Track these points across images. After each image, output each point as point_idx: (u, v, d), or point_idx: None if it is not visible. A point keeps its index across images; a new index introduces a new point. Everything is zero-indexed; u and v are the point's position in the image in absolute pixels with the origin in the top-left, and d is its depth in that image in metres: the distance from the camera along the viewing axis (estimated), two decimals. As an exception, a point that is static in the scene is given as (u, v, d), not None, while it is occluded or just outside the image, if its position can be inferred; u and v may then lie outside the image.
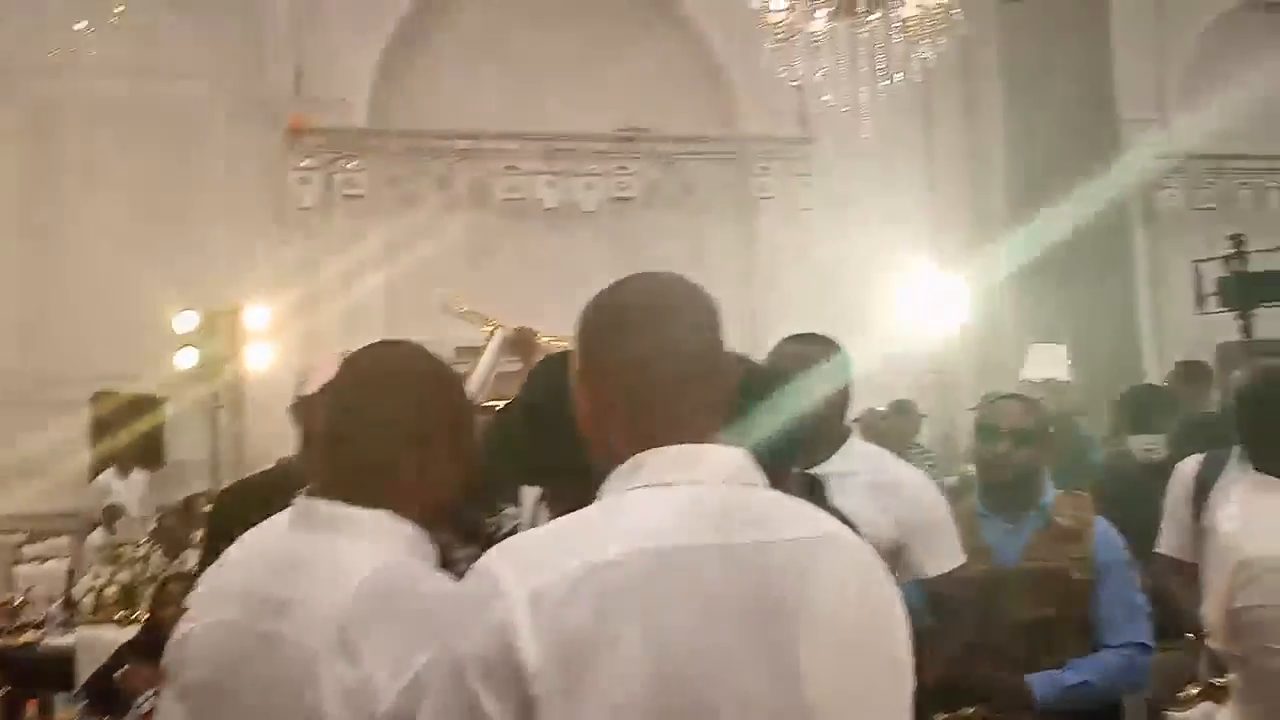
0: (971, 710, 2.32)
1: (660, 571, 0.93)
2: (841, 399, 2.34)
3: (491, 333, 3.53)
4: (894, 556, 2.16)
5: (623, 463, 1.05)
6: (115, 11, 5.88)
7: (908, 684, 1.06)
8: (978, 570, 2.49)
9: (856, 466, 2.26)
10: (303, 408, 2.41)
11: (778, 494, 1.10)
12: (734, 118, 10.69)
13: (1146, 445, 4.29)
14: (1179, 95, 11.20)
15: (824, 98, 7.51)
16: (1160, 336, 9.85)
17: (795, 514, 1.07)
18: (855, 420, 2.59)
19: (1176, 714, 2.26)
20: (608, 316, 1.11)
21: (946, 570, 2.26)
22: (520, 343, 3.22)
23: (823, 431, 2.27)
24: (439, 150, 9.77)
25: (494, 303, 10.07)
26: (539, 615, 0.89)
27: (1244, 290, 7.02)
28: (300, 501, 1.27)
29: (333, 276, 9.44)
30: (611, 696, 0.88)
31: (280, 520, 1.59)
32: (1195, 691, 2.23)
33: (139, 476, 8.40)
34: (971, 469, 4.31)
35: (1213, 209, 10.82)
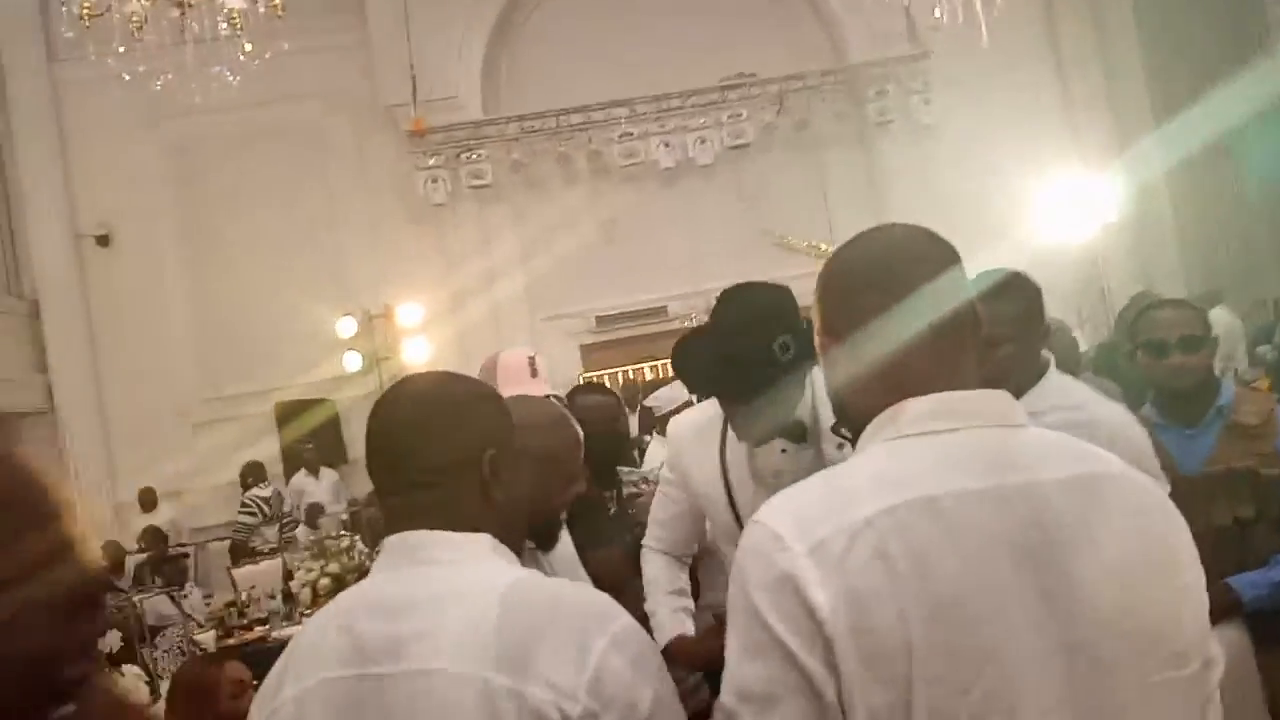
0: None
1: (931, 519, 0.97)
2: (1029, 331, 2.19)
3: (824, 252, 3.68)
4: None
5: (879, 412, 1.07)
6: (245, 49, 6.22)
7: (1198, 616, 1.05)
8: (1163, 481, 2.47)
9: (1047, 404, 2.11)
10: None
11: (1046, 433, 1.11)
12: (842, 46, 10.45)
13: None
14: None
15: (935, 12, 7.32)
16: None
17: (1064, 453, 1.07)
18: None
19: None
20: (850, 273, 1.13)
21: None
22: None
23: (1006, 366, 2.15)
24: (554, 129, 9.97)
25: (625, 267, 10.30)
26: (823, 566, 0.94)
27: None
28: (397, 538, 1.21)
29: (473, 265, 9.82)
30: (895, 638, 0.93)
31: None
32: None
33: (328, 474, 9.02)
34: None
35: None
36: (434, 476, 1.19)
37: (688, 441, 2.27)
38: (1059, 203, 9.60)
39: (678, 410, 3.37)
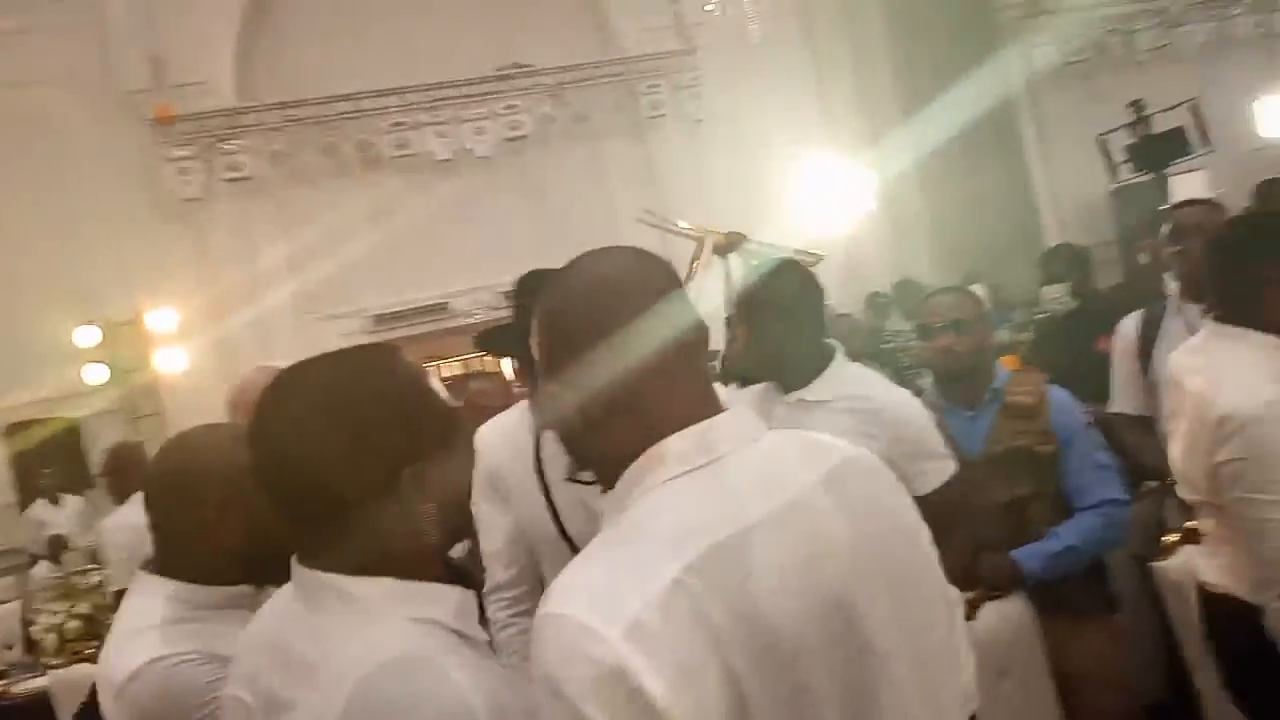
0: (970, 594, 2.42)
1: (732, 562, 0.91)
2: (803, 315, 2.25)
3: (701, 240, 4.09)
4: None
5: (634, 457, 1.00)
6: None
7: (937, 567, 1.11)
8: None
9: (833, 393, 2.22)
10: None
11: (788, 436, 1.10)
12: (614, 41, 10.52)
13: (1053, 294, 4.52)
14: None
15: (708, 7, 7.47)
16: (1057, 203, 10.18)
17: (809, 453, 1.06)
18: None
19: (1161, 564, 2.37)
20: (567, 314, 1.04)
21: (938, 485, 2.21)
22: (728, 245, 3.41)
23: (789, 357, 2.26)
24: (318, 117, 9.41)
25: (402, 264, 9.93)
26: (646, 649, 0.85)
27: (1153, 152, 7.25)
28: (296, 570, 1.09)
29: (233, 263, 9.10)
30: (727, 703, 0.87)
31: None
32: (1174, 539, 2.35)
33: (71, 501, 8.10)
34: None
35: (1086, 60, 11.10)
36: (333, 508, 1.03)
37: (495, 444, 2.13)
38: (820, 193, 10.10)
39: None
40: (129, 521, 3.86)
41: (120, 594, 3.89)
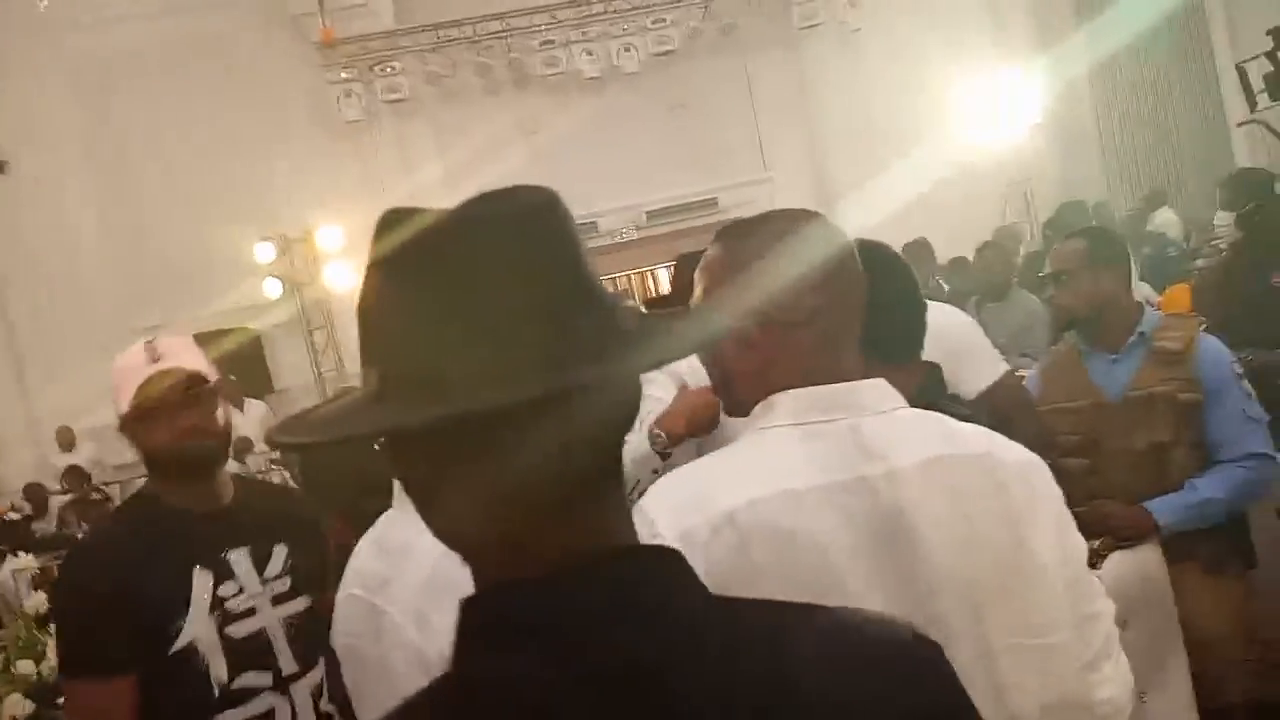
0: (1098, 542, 2.37)
1: (792, 512, 0.98)
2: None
3: None
4: None
5: (755, 404, 1.09)
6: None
7: (1058, 587, 1.08)
8: (1084, 406, 2.53)
9: None
10: None
11: (918, 415, 1.11)
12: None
13: (1224, 223, 4.21)
14: None
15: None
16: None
17: (926, 436, 1.07)
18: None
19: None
20: (740, 264, 1.12)
21: (991, 383, 2.35)
22: None
23: None
24: (472, 37, 9.57)
25: (552, 182, 10.09)
26: (688, 554, 0.93)
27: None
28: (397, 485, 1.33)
29: (394, 184, 9.49)
30: None
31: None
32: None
33: (254, 406, 8.77)
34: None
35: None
36: None
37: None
38: (984, 105, 9.58)
39: None
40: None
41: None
